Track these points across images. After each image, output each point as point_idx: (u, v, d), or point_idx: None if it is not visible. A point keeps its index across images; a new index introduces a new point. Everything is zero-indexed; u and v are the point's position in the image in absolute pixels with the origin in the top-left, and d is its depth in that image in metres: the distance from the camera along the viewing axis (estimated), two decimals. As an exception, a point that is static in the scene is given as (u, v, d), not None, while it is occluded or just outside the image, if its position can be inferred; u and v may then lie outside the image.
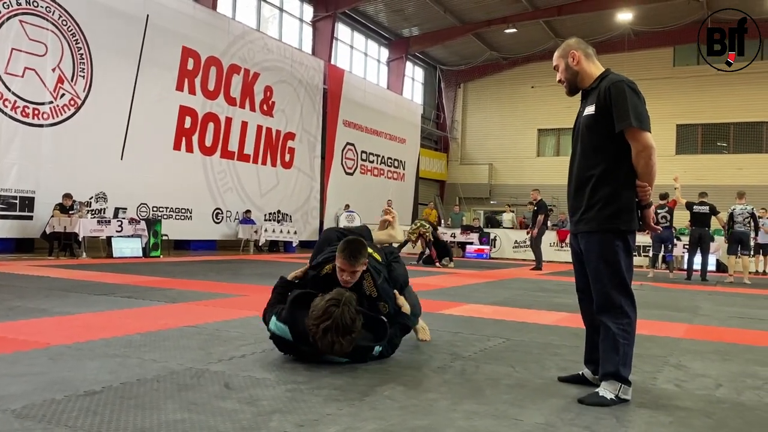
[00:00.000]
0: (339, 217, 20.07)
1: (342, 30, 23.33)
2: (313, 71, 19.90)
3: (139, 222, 12.88)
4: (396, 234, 4.52)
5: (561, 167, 5.77)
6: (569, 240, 3.35)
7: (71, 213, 11.96)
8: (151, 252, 12.79)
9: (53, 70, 12.50)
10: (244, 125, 17.28)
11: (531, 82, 27.52)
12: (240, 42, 17.03)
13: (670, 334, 5.20)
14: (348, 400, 2.81)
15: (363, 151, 22.70)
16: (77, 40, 12.92)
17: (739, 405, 3.04)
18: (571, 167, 3.20)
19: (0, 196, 11.81)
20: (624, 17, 22.98)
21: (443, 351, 4.04)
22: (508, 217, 21.68)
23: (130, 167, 14.04)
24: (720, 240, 14.55)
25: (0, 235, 11.96)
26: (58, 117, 12.64)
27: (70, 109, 12.85)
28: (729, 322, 6.27)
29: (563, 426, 2.57)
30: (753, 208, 12.29)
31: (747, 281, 12.05)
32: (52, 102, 12.50)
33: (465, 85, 29.89)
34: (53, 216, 11.86)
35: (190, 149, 15.69)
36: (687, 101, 25.27)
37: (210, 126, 16.22)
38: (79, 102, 13.02)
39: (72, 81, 12.85)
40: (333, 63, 21.67)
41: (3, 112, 11.73)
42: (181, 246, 15.86)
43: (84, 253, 12.01)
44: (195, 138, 15.82)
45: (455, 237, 18.75)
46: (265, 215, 17.95)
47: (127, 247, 12.37)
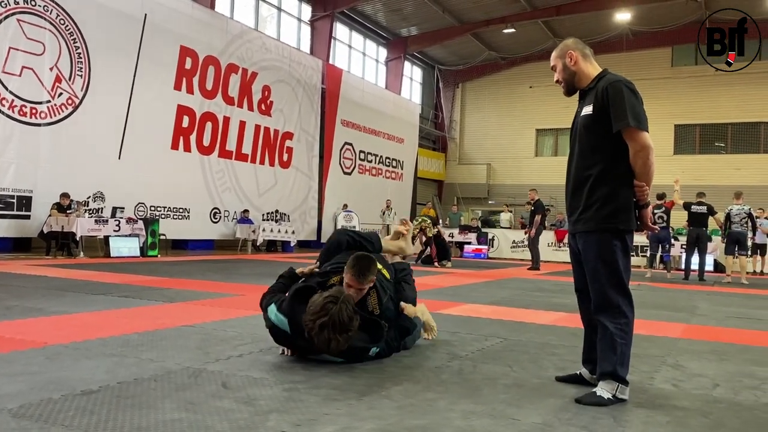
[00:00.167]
0: (337, 217, 20.06)
1: (340, 29, 23.32)
2: (312, 71, 19.89)
3: (137, 221, 12.87)
4: (407, 248, 4.49)
5: (559, 167, 5.78)
6: (568, 240, 3.35)
7: (69, 212, 11.94)
8: (149, 251, 12.78)
9: (51, 69, 12.48)
10: (242, 125, 17.27)
11: (529, 82, 27.54)
12: (238, 41, 17.02)
13: (667, 334, 5.20)
14: (346, 399, 2.81)
15: (361, 151, 22.69)
16: (75, 39, 12.90)
17: (736, 405, 3.04)
18: (569, 167, 3.20)
19: (-3, 195, 11.81)
20: (622, 17, 23.00)
21: (441, 351, 4.04)
22: (505, 217, 21.67)
23: (127, 167, 14.02)
24: (717, 240, 14.56)
25: (-3, 235, 11.96)
26: (55, 116, 12.62)
27: (67, 109, 12.83)
28: (726, 322, 6.28)
29: (560, 426, 2.57)
30: (750, 208, 12.30)
31: (744, 281, 12.06)
32: (49, 101, 12.48)
33: (463, 85, 29.91)
34: (51, 215, 11.84)
35: (188, 149, 15.67)
36: (685, 101, 25.31)
37: (208, 125, 16.21)
38: (77, 101, 13.00)
39: (70, 80, 12.83)
40: (331, 62, 21.66)
41: (0, 111, 11.70)
42: (179, 246, 15.85)
43: (81, 253, 11.99)
44: (193, 137, 15.80)
45: (453, 237, 18.75)
46: (263, 215, 17.94)
47: (125, 247, 12.35)
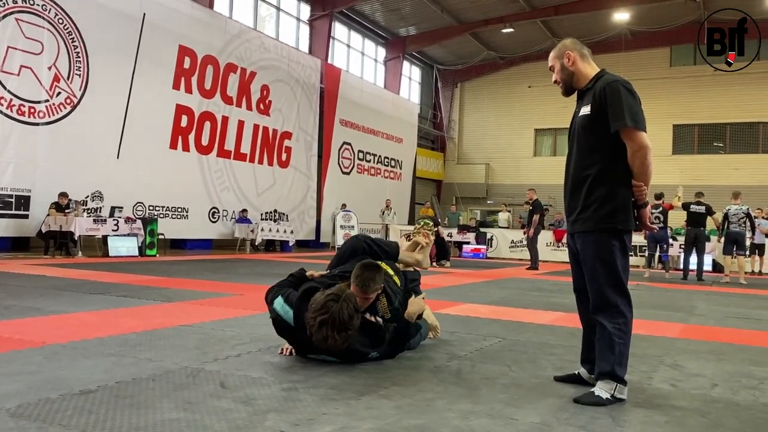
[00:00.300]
0: (336, 217, 20.06)
1: (339, 29, 23.31)
2: (310, 70, 19.88)
3: (135, 221, 12.86)
4: (423, 260, 4.49)
5: (558, 167, 5.77)
6: (567, 240, 3.36)
7: (67, 212, 11.93)
8: (147, 251, 12.76)
9: (49, 68, 12.46)
10: (240, 124, 17.26)
11: (528, 81, 27.55)
12: (237, 41, 17.01)
13: (665, 333, 5.21)
14: (344, 399, 2.81)
15: (360, 151, 22.68)
16: (73, 38, 12.89)
17: (734, 405, 3.04)
18: (568, 167, 3.21)
19: (-4, 194, 11.80)
20: (621, 17, 23.01)
21: (440, 351, 4.04)
22: (503, 217, 21.67)
23: (126, 166, 14.01)
24: (716, 240, 14.56)
25: (-4, 234, 11.95)
26: (54, 115, 12.60)
27: (66, 108, 12.82)
28: (725, 322, 6.28)
29: (559, 425, 2.57)
30: (748, 208, 12.31)
31: (743, 281, 12.08)
32: (48, 100, 12.46)
33: (462, 85, 29.91)
34: (49, 215, 11.82)
35: (186, 148, 15.66)
36: (683, 101, 25.33)
37: (206, 125, 16.20)
38: (75, 100, 12.98)
39: (68, 79, 12.81)
40: (330, 62, 21.65)
41: (-1, 110, 11.71)
42: (178, 245, 15.84)
43: (80, 252, 11.99)
44: (191, 137, 15.79)
45: (452, 237, 18.75)
46: (262, 214, 17.93)
47: (123, 246, 12.34)
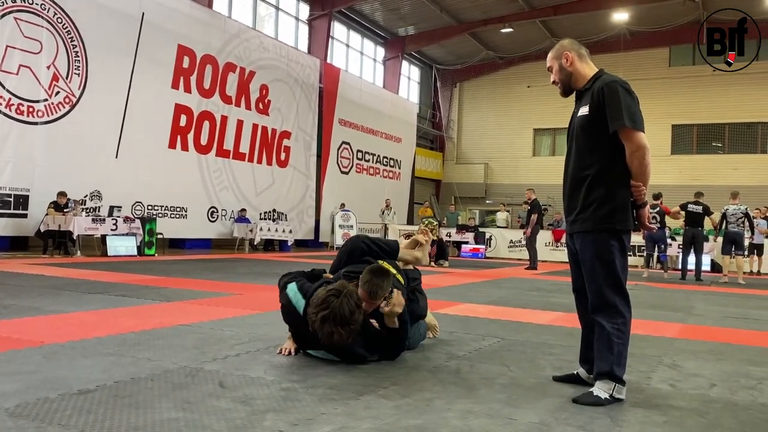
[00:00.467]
0: (335, 216, 20.07)
1: (338, 29, 23.31)
2: (309, 70, 19.88)
3: (134, 220, 12.85)
4: (423, 258, 4.50)
5: (557, 167, 5.77)
6: (566, 240, 3.36)
7: (66, 211, 11.92)
8: (146, 250, 12.75)
9: (48, 67, 12.45)
10: (239, 124, 17.25)
11: (527, 81, 27.56)
12: (236, 40, 17.00)
13: (664, 333, 5.21)
14: (343, 399, 2.81)
15: (359, 150, 22.68)
16: (72, 37, 12.88)
17: (733, 405, 3.05)
18: (566, 168, 3.21)
19: (-6, 194, 11.79)
20: (620, 17, 23.03)
21: (438, 350, 4.05)
22: (502, 216, 21.68)
23: (125, 165, 14.00)
24: (717, 240, 14.55)
25: (-6, 234, 11.93)
26: (52, 115, 12.59)
27: (64, 107, 12.81)
28: (723, 322, 6.29)
29: (557, 425, 2.58)
30: (747, 207, 12.31)
31: (741, 281, 12.08)
32: (46, 100, 12.45)
33: (461, 85, 29.91)
34: (48, 214, 11.81)
35: (185, 147, 15.66)
36: (682, 101, 25.35)
37: (205, 124, 16.19)
38: (74, 100, 12.97)
39: (67, 79, 12.80)
40: (329, 62, 21.65)
41: (-3, 109, 11.70)
42: (176, 245, 15.84)
43: (78, 252, 11.98)
44: (190, 136, 15.78)
45: (450, 236, 18.76)
46: (261, 214, 17.93)
47: (122, 246, 12.33)
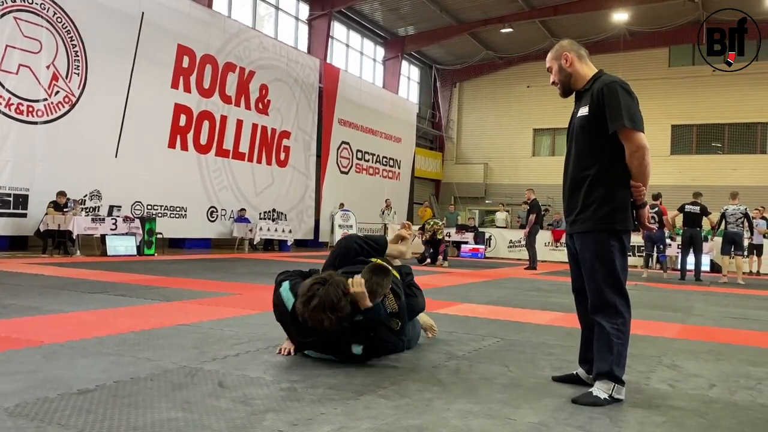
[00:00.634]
0: (334, 216, 20.06)
1: (338, 29, 23.31)
2: (309, 70, 19.88)
3: (134, 220, 12.85)
4: (407, 252, 4.53)
5: (556, 167, 5.78)
6: (565, 240, 3.36)
7: (65, 211, 11.92)
8: (146, 250, 12.75)
9: (48, 67, 12.45)
10: (239, 123, 17.25)
11: (527, 81, 27.57)
12: (235, 40, 17.00)
13: (663, 334, 5.22)
14: (342, 399, 2.81)
15: (358, 150, 22.68)
16: (72, 37, 12.87)
17: (732, 405, 3.05)
18: (566, 168, 3.21)
19: (-6, 193, 11.78)
20: (620, 17, 23.03)
21: (438, 350, 4.05)
22: (501, 216, 21.69)
23: (124, 165, 14.00)
24: (714, 240, 14.55)
25: (-6, 233, 11.92)
26: (52, 114, 12.58)
27: (64, 107, 12.80)
28: (723, 322, 6.29)
29: (557, 425, 2.58)
30: (746, 208, 12.30)
31: (741, 281, 12.08)
32: (46, 99, 12.45)
33: (461, 85, 29.91)
34: (47, 214, 11.81)
35: (185, 147, 15.65)
36: (682, 102, 25.36)
37: (205, 124, 16.19)
38: (74, 99, 12.96)
39: (66, 78, 12.80)
40: (329, 61, 21.65)
41: (-3, 109, 11.70)
42: (176, 244, 15.83)
43: (78, 251, 11.97)
44: (190, 136, 15.78)
45: (450, 236, 18.76)
46: (260, 214, 17.93)
47: (122, 245, 12.33)
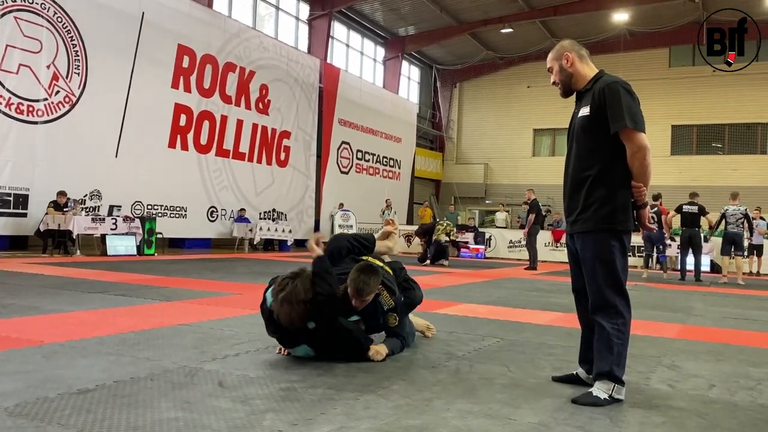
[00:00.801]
0: (334, 216, 20.06)
1: (338, 29, 23.31)
2: (309, 70, 19.88)
3: (134, 220, 12.85)
4: (394, 247, 4.59)
5: (556, 167, 5.79)
6: (566, 241, 3.36)
7: (66, 210, 11.92)
8: (146, 250, 12.75)
9: (48, 67, 12.45)
10: (239, 123, 17.25)
11: (527, 81, 27.57)
12: (236, 40, 17.00)
13: (663, 334, 5.22)
14: (342, 399, 2.81)
15: (358, 150, 22.68)
16: (72, 37, 12.87)
17: (732, 405, 3.05)
18: (567, 168, 3.21)
19: (-6, 193, 11.78)
20: (620, 18, 23.03)
21: (437, 350, 4.05)
22: (501, 216, 21.69)
23: (124, 165, 14.00)
24: (714, 240, 14.55)
25: (-6, 233, 11.92)
26: (52, 114, 12.58)
27: (64, 107, 12.80)
28: (722, 322, 6.29)
29: (557, 426, 2.58)
30: (746, 208, 12.30)
31: (741, 282, 12.08)
32: (46, 99, 12.45)
33: (461, 85, 29.91)
34: (47, 213, 11.81)
35: (185, 147, 15.65)
36: (682, 102, 25.36)
37: (205, 124, 16.19)
38: (74, 99, 12.97)
39: (67, 78, 12.80)
40: (329, 61, 21.65)
41: (-3, 108, 11.69)
42: (176, 244, 15.83)
43: (78, 251, 11.97)
44: (190, 136, 15.78)
45: (450, 236, 18.73)
46: (260, 214, 17.93)
47: (122, 245, 12.33)
